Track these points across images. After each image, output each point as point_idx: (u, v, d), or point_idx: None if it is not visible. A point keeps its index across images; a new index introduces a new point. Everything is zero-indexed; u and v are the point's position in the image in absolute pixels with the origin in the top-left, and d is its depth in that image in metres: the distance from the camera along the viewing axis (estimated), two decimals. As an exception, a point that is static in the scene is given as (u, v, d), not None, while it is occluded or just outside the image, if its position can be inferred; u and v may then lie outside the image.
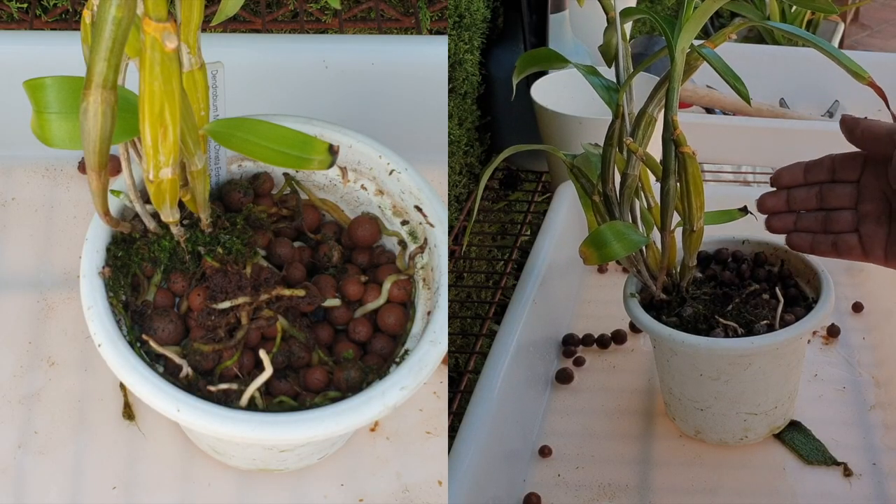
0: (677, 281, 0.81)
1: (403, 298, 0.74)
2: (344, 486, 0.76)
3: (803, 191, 0.79)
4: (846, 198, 0.77)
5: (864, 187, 0.77)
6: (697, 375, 0.79)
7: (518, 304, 0.88)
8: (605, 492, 0.80)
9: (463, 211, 1.21)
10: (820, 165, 0.78)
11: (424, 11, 1.20)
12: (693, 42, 0.73)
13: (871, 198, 0.76)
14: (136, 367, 0.64)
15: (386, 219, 0.78)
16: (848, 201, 0.77)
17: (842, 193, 0.78)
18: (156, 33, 0.53)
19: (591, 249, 0.74)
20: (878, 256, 0.76)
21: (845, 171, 0.78)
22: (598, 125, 1.05)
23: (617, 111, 0.78)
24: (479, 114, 1.27)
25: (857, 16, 2.99)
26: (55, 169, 0.92)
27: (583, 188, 0.82)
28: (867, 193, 0.77)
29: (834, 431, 0.83)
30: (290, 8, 1.19)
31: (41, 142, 0.61)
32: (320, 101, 0.92)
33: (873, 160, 0.76)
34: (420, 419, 0.79)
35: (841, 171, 0.78)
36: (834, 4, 0.72)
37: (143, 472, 0.75)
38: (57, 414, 0.77)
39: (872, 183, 0.76)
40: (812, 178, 0.79)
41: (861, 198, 0.77)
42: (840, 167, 0.78)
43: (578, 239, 0.78)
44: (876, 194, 0.76)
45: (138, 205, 0.69)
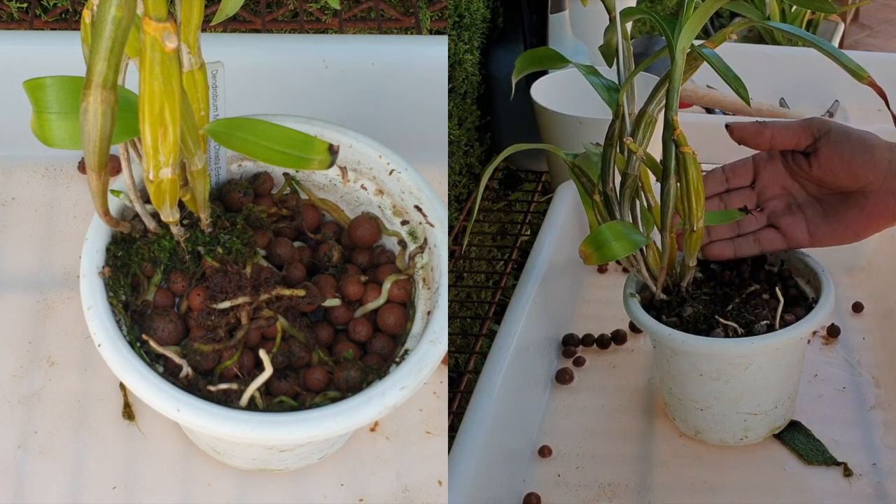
0: (677, 281, 0.81)
1: (403, 298, 0.74)
2: (344, 486, 0.76)
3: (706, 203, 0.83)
4: (746, 201, 0.82)
5: (763, 188, 0.82)
6: (697, 375, 0.79)
7: (518, 304, 0.88)
8: (605, 492, 0.80)
9: (463, 211, 1.21)
10: (713, 178, 0.83)
11: (424, 11, 1.20)
12: (693, 42, 0.73)
13: (773, 196, 0.82)
14: (136, 367, 0.64)
15: (386, 219, 0.78)
16: (750, 204, 0.82)
17: (741, 198, 0.83)
18: (156, 33, 0.53)
19: (591, 249, 0.74)
20: (802, 241, 0.81)
21: (738, 179, 0.83)
22: (598, 125, 1.05)
23: (617, 111, 0.78)
24: (479, 114, 1.27)
25: (857, 16, 2.99)
26: (55, 169, 0.92)
27: (583, 187, 0.82)
28: (767, 193, 0.82)
29: (834, 431, 0.83)
30: (290, 8, 1.19)
31: (41, 142, 0.61)
32: (320, 101, 0.92)
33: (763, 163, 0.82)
34: (420, 419, 0.79)
35: (734, 179, 0.83)
36: (834, 4, 0.72)
37: (143, 472, 0.75)
38: (57, 414, 0.77)
39: (770, 181, 0.82)
40: (710, 192, 0.82)
41: (762, 198, 0.82)
42: (732, 175, 0.83)
43: (578, 239, 0.78)
44: (776, 191, 0.82)
45: (138, 205, 0.69)
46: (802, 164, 0.80)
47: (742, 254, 0.82)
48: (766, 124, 0.79)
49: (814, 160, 0.79)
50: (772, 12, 1.94)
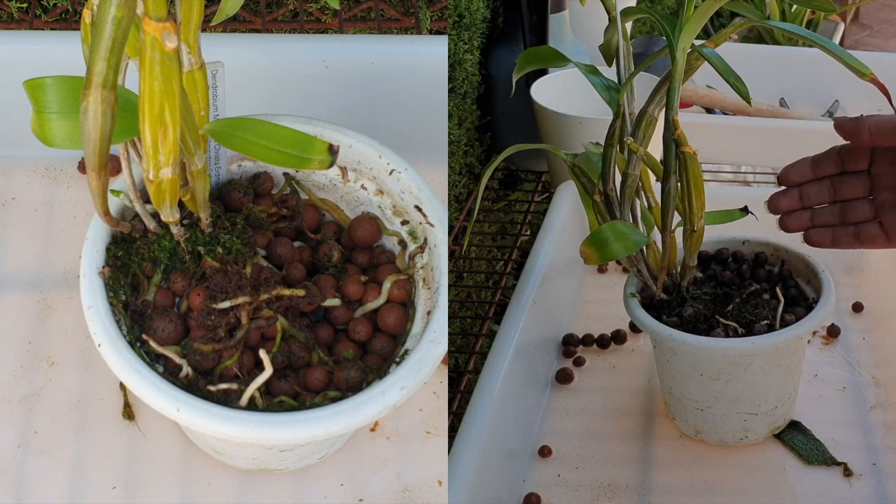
0: (678, 281, 0.81)
1: (403, 298, 0.74)
2: (344, 486, 0.76)
3: (815, 186, 0.78)
4: (860, 188, 0.76)
5: (877, 176, 0.76)
6: (698, 375, 0.79)
7: (518, 304, 0.88)
8: (605, 492, 0.80)
9: (463, 211, 1.20)
10: (828, 158, 0.77)
11: (424, 11, 1.20)
12: (694, 42, 0.73)
13: (886, 185, 0.75)
14: (136, 367, 0.64)
15: (386, 218, 0.77)
16: (862, 191, 0.76)
17: (854, 184, 0.76)
18: (156, 33, 0.53)
19: (591, 249, 0.74)
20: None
21: (854, 162, 0.76)
22: (597, 125, 1.05)
23: (618, 111, 0.78)
24: (479, 114, 1.27)
25: (857, 16, 2.99)
26: (55, 169, 0.92)
27: (584, 187, 0.82)
28: (881, 181, 0.76)
29: (834, 431, 0.83)
30: (290, 8, 1.19)
31: (41, 142, 0.61)
32: (320, 101, 0.92)
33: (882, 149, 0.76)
34: (420, 419, 0.79)
35: (850, 162, 0.77)
36: (834, 4, 0.72)
37: (143, 472, 0.75)
38: (57, 414, 0.77)
39: (885, 170, 0.76)
40: (821, 173, 0.77)
41: (875, 186, 0.76)
42: (848, 158, 0.77)
43: (578, 239, 0.78)
44: (890, 181, 0.75)
45: (138, 205, 0.69)
46: None
47: (839, 246, 0.77)
48: (864, 120, 0.73)
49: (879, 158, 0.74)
50: (772, 12, 1.94)
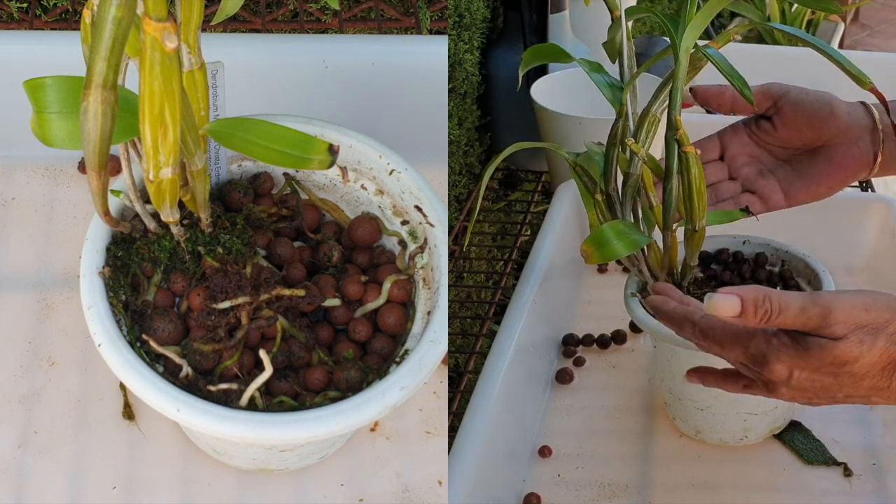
0: (678, 281, 0.81)
1: (403, 298, 0.74)
2: (344, 486, 0.76)
3: None
4: (720, 172, 0.85)
5: (732, 158, 0.85)
6: (698, 375, 0.79)
7: (518, 304, 0.88)
8: (605, 492, 0.80)
9: (463, 211, 1.20)
10: None
11: (424, 11, 1.20)
12: (697, 42, 0.72)
13: (743, 164, 0.84)
14: (136, 367, 0.64)
15: (386, 219, 0.77)
16: (723, 175, 0.85)
17: (714, 171, 0.84)
18: (156, 33, 0.53)
19: (592, 248, 0.74)
20: (778, 201, 0.83)
21: (706, 153, 0.85)
22: (597, 125, 1.05)
23: (620, 110, 0.78)
24: (479, 114, 1.27)
25: (857, 16, 2.99)
26: (55, 169, 0.92)
27: (585, 187, 0.82)
28: (737, 162, 0.84)
29: (834, 431, 0.83)
30: (290, 8, 1.19)
31: (41, 142, 0.61)
32: (320, 101, 0.92)
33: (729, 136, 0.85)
34: (420, 419, 0.79)
35: (703, 154, 0.83)
36: (834, 3, 0.72)
37: (143, 472, 0.75)
38: (57, 414, 0.77)
39: (738, 151, 0.84)
40: None
41: (734, 168, 0.84)
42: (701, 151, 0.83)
43: (579, 239, 0.78)
44: (745, 160, 0.84)
45: (138, 205, 0.69)
46: (766, 127, 0.83)
47: None
48: (727, 86, 0.81)
49: (777, 121, 0.82)
50: (772, 12, 1.94)
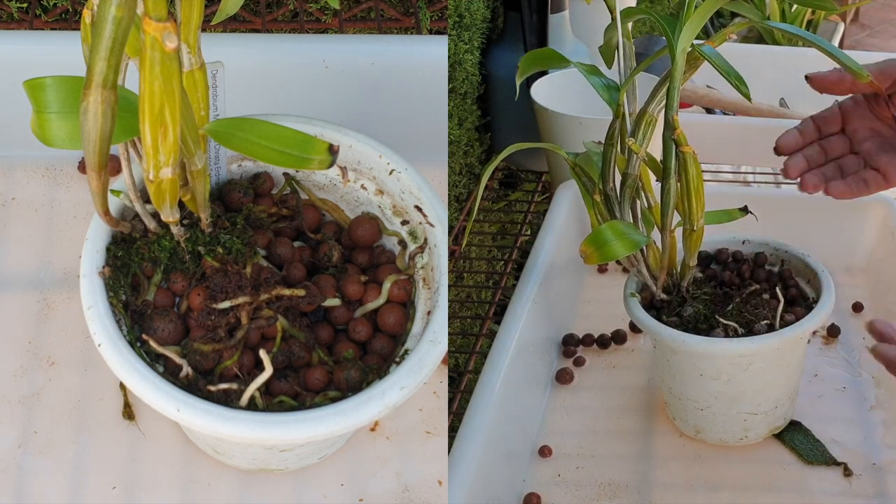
0: (678, 281, 0.81)
1: (403, 298, 0.74)
2: (344, 486, 0.76)
3: (809, 149, 0.84)
4: (842, 146, 0.84)
5: (854, 132, 0.83)
6: (697, 375, 0.79)
7: (518, 304, 0.88)
8: (605, 491, 0.80)
9: (463, 211, 1.20)
10: (806, 129, 0.84)
11: (424, 11, 1.20)
12: (694, 41, 0.73)
13: (865, 138, 0.83)
14: (136, 367, 0.64)
15: (386, 219, 0.77)
16: (845, 149, 0.84)
17: (837, 145, 0.83)
18: (156, 33, 0.53)
19: (591, 248, 0.74)
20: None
21: (828, 127, 0.84)
22: (597, 125, 1.05)
23: (617, 111, 0.78)
24: (479, 114, 1.27)
25: (857, 16, 2.99)
26: (55, 169, 0.92)
27: (585, 187, 0.82)
28: (859, 136, 0.83)
29: (834, 431, 0.83)
30: (290, 8, 1.19)
31: (41, 142, 0.61)
32: (320, 101, 0.92)
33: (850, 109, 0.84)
34: (420, 419, 0.79)
35: (825, 128, 0.84)
36: (834, 3, 0.73)
37: (143, 472, 0.75)
38: (57, 414, 0.77)
39: (859, 125, 0.83)
40: (808, 139, 0.84)
41: (855, 142, 0.83)
42: (823, 124, 0.84)
43: (578, 239, 0.78)
44: (866, 134, 0.83)
45: (138, 205, 0.69)
46: (883, 108, 0.82)
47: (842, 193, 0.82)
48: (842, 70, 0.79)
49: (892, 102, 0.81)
50: (772, 12, 1.94)
